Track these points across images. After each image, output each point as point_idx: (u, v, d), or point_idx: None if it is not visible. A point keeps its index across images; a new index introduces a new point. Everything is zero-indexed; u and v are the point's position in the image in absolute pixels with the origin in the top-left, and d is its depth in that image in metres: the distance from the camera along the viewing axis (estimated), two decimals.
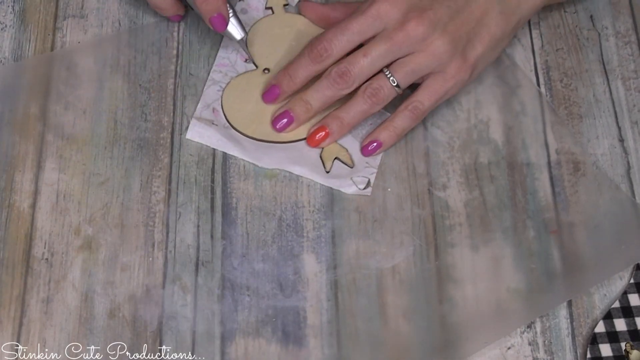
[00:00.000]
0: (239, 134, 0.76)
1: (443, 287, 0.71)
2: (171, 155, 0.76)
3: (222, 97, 0.77)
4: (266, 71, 0.78)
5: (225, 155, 0.76)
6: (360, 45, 0.74)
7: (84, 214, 0.73)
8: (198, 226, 0.73)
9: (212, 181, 0.75)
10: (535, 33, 0.82)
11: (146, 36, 0.81)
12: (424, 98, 0.74)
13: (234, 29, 0.77)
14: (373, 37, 0.73)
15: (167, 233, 0.73)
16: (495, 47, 0.76)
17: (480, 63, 0.75)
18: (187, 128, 0.77)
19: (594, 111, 0.79)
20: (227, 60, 0.79)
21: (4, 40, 0.80)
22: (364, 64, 0.73)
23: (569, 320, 0.71)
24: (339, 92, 0.74)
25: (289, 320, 0.70)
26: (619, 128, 0.78)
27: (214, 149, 0.76)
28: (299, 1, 0.82)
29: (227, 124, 0.77)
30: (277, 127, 0.76)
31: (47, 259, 0.71)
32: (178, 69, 0.79)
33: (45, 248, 0.72)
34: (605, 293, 0.72)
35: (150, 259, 0.72)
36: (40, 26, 0.81)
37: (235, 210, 0.74)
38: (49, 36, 0.80)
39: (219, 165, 0.76)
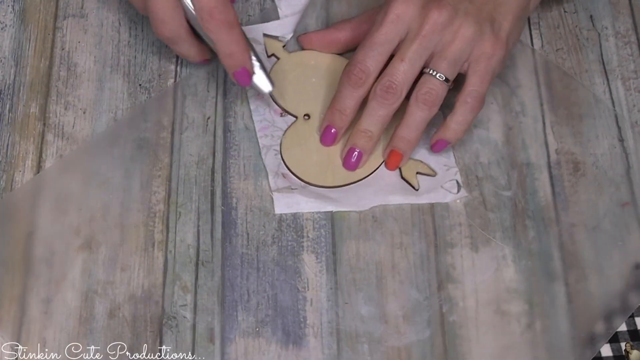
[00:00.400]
0: (320, 188, 0.75)
1: (443, 287, 0.71)
2: (171, 155, 0.76)
3: (284, 160, 0.76)
4: (306, 117, 0.77)
5: (225, 155, 0.76)
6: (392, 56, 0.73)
7: (84, 214, 0.73)
8: (198, 226, 0.73)
9: (212, 181, 0.75)
10: (535, 33, 0.82)
11: (146, 36, 0.81)
12: (476, 84, 0.73)
13: (262, 82, 0.75)
14: (401, 42, 0.73)
15: (167, 233, 0.73)
16: (519, 22, 0.75)
17: (510, 39, 0.74)
18: (187, 128, 0.77)
19: (594, 111, 0.79)
20: (266, 122, 0.77)
21: (4, 40, 0.80)
22: (404, 69, 0.72)
23: (569, 320, 0.71)
24: (392, 107, 0.73)
25: (289, 320, 0.70)
26: (619, 128, 0.78)
27: (214, 149, 0.76)
28: (291, 37, 0.81)
29: (304, 183, 0.75)
30: (350, 166, 0.75)
31: (47, 259, 0.71)
32: (178, 69, 0.79)
33: (45, 248, 0.72)
34: (606, 293, 0.72)
35: (150, 259, 0.72)
36: (40, 26, 0.81)
37: (235, 210, 0.74)
38: (49, 36, 0.80)
39: (219, 165, 0.76)
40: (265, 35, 0.81)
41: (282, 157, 0.76)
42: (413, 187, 0.75)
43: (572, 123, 0.78)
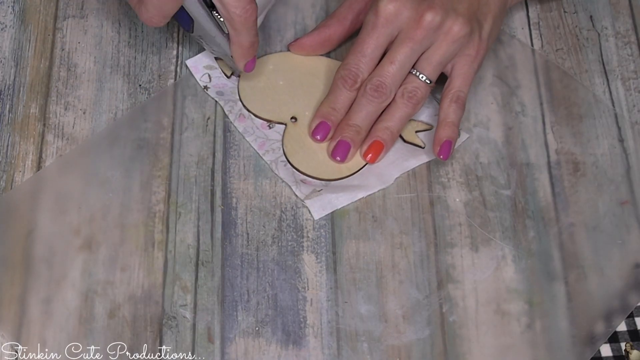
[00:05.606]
0: (340, 180, 0.76)
1: (443, 286, 0.71)
2: (171, 155, 0.76)
3: (295, 167, 0.76)
4: (293, 120, 0.77)
5: (225, 155, 0.76)
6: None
7: (84, 214, 0.73)
8: (198, 226, 0.73)
9: (212, 181, 0.75)
10: (535, 33, 0.82)
11: (146, 36, 0.81)
12: (461, 86, 0.75)
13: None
14: (392, 41, 0.74)
15: (167, 233, 0.73)
16: (497, 24, 0.77)
17: (490, 40, 0.76)
18: (187, 128, 0.77)
19: (594, 111, 0.79)
20: (261, 139, 0.77)
21: (4, 40, 0.80)
22: (394, 71, 0.74)
23: (569, 320, 0.71)
24: (381, 105, 0.75)
25: (289, 320, 0.70)
26: (619, 128, 0.78)
27: (214, 149, 0.76)
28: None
29: (325, 182, 0.76)
30: (339, 158, 0.76)
31: (47, 258, 0.71)
32: (178, 69, 0.80)
33: (45, 248, 0.72)
34: (605, 292, 0.72)
35: (150, 259, 0.72)
36: (40, 26, 0.81)
37: (235, 210, 0.74)
38: (49, 36, 0.80)
39: (218, 165, 0.76)
40: (217, 58, 0.79)
41: (291, 165, 0.76)
42: (420, 147, 0.76)
43: (572, 123, 0.78)
